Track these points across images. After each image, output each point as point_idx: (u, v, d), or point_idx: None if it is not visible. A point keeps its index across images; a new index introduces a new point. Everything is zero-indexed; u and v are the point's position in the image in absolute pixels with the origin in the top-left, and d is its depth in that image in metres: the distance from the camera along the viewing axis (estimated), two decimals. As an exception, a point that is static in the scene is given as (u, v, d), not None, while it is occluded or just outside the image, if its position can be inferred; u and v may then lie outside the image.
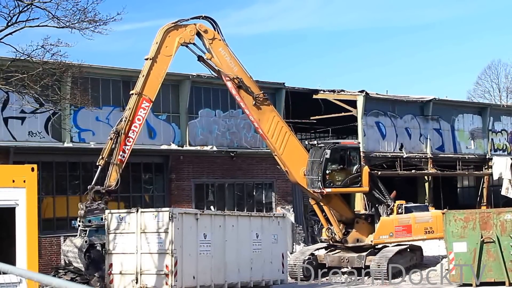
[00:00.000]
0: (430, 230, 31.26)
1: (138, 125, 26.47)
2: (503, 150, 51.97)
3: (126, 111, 26.64)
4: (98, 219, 25.04)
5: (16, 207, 15.75)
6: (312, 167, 29.28)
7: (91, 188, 25.51)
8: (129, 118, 26.21)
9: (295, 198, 39.31)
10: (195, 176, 35.59)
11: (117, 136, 25.92)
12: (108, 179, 25.65)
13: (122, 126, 26.07)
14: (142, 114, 26.57)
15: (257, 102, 29.05)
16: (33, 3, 23.23)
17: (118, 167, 25.82)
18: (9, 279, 12.98)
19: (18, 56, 23.89)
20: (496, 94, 79.90)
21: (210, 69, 29.05)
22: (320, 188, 28.98)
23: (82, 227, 25.08)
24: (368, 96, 42.59)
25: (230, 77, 28.54)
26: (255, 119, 29.14)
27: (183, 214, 23.97)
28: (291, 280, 29.12)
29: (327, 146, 29.36)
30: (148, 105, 26.75)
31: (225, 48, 28.57)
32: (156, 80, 26.99)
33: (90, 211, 25.07)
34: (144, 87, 26.66)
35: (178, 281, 22.91)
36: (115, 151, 25.80)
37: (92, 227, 24.99)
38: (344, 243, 30.12)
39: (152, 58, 26.95)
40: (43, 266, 27.48)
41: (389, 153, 44.00)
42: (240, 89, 28.77)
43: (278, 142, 29.35)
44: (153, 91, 26.92)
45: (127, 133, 26.09)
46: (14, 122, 30.38)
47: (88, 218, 25.03)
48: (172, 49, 27.41)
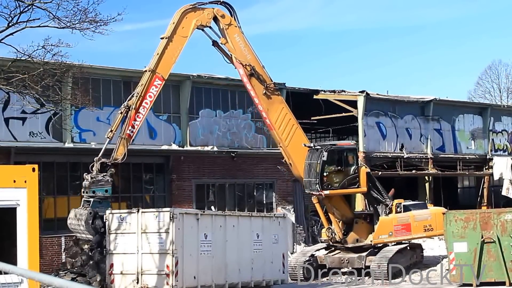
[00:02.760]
0: (430, 228, 31.32)
1: (149, 102, 26.63)
2: (503, 150, 51.98)
3: (138, 87, 26.76)
4: (102, 190, 25.04)
5: (17, 207, 15.79)
6: (309, 169, 29.29)
7: (98, 159, 25.52)
8: (141, 94, 26.37)
9: (295, 198, 39.32)
10: (196, 176, 35.61)
11: (127, 110, 26.03)
12: (115, 152, 25.75)
13: (133, 101, 26.22)
14: (153, 91, 26.72)
15: (268, 92, 29.27)
16: (34, 3, 23.24)
17: (126, 142, 25.98)
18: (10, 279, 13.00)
19: (19, 57, 23.91)
20: (497, 95, 79.97)
21: (223, 54, 29.31)
22: (318, 190, 28.99)
23: (86, 197, 25.06)
24: (368, 96, 42.60)
25: (242, 63, 28.73)
26: (263, 108, 29.33)
27: (184, 214, 24.00)
28: (291, 280, 29.12)
29: (324, 148, 29.34)
30: (161, 83, 26.91)
31: (240, 35, 28.90)
32: (170, 59, 27.21)
33: (95, 182, 25.05)
34: (158, 65, 26.88)
35: (179, 281, 22.94)
36: (124, 125, 25.99)
37: (96, 198, 24.95)
38: (344, 244, 30.13)
39: (168, 37, 27.16)
40: (44, 266, 27.53)
41: (390, 153, 44.01)
42: (252, 77, 29.05)
43: (284, 133, 29.52)
44: (167, 70, 27.11)
45: (138, 109, 26.23)
46: (15, 123, 30.41)
47: (92, 189, 24.99)
48: (188, 30, 27.68)
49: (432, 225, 31.35)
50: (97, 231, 24.42)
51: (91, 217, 24.39)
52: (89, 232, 24.36)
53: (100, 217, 24.52)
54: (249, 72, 28.91)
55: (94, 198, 24.97)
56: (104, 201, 25.18)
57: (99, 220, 24.47)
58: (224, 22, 28.58)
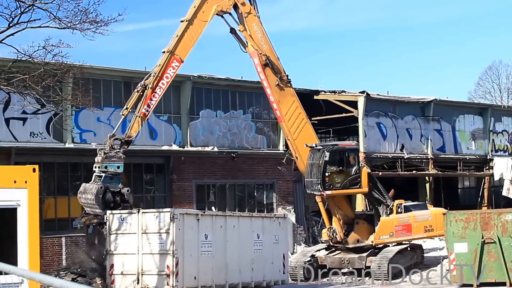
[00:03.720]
0: (430, 229, 31.40)
1: (166, 83, 26.65)
2: (504, 150, 51.99)
3: (155, 67, 26.73)
4: (114, 166, 24.94)
5: (18, 207, 15.80)
6: (311, 169, 29.28)
7: (111, 136, 25.46)
8: (158, 74, 26.39)
9: (296, 198, 39.34)
10: (196, 176, 35.62)
11: (143, 89, 26.06)
12: (129, 129, 25.74)
13: (150, 80, 26.22)
14: (171, 72, 26.77)
15: (281, 84, 29.46)
16: (34, 4, 23.28)
17: (141, 120, 25.97)
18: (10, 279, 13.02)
19: (20, 57, 23.93)
20: (497, 95, 80.00)
21: (239, 43, 29.52)
22: (320, 190, 28.99)
23: (98, 173, 24.94)
24: (369, 96, 42.61)
25: (258, 52, 28.99)
26: (275, 99, 29.47)
27: (184, 214, 24.00)
28: (291, 281, 29.12)
29: (326, 148, 29.35)
30: (178, 65, 26.94)
31: (259, 25, 29.18)
32: (189, 42, 27.29)
33: (108, 158, 24.95)
34: (177, 47, 26.94)
35: (179, 282, 22.94)
36: (139, 104, 25.95)
37: (107, 174, 24.85)
38: (345, 244, 30.14)
39: (188, 20, 27.26)
40: (45, 267, 27.52)
41: (390, 154, 44.01)
42: (266, 67, 29.25)
43: (294, 126, 29.67)
44: (185, 52, 27.17)
45: (154, 88, 26.24)
46: (16, 123, 30.42)
47: (104, 164, 24.86)
48: (209, 15, 27.85)
49: (432, 225, 31.44)
50: (107, 206, 24.36)
51: (102, 191, 24.34)
52: (99, 206, 24.27)
53: (111, 192, 24.47)
54: (264, 62, 29.15)
55: (106, 173, 24.82)
56: (115, 177, 25.03)
57: (109, 195, 24.44)
58: (244, 10, 28.87)
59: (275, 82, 29.35)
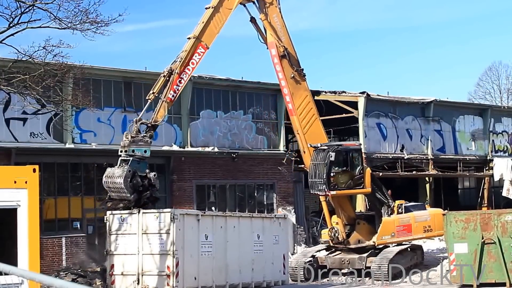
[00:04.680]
0: (429, 229, 31.65)
1: (191, 69, 26.70)
2: (504, 151, 51.99)
3: (181, 52, 26.75)
4: (141, 150, 24.74)
5: (18, 208, 15.82)
6: (315, 170, 29.26)
7: (138, 120, 25.35)
8: (184, 59, 26.42)
9: (296, 199, 39.35)
10: (197, 177, 35.60)
11: (170, 74, 26.07)
12: (156, 114, 25.61)
13: (176, 66, 26.21)
14: (196, 58, 26.80)
15: (296, 77, 29.65)
16: (35, 4, 23.29)
17: (167, 105, 25.90)
18: (10, 280, 13.03)
19: (20, 57, 23.94)
20: (497, 96, 80.00)
21: (258, 33, 29.80)
22: (324, 191, 28.99)
23: (124, 156, 24.70)
24: (369, 97, 42.62)
25: (277, 44, 29.23)
26: (289, 91, 29.64)
27: (185, 215, 24.03)
28: (291, 281, 29.12)
29: (331, 148, 29.38)
30: (204, 51, 26.99)
31: (279, 16, 29.54)
32: (215, 29, 27.42)
33: (135, 142, 24.74)
34: (203, 33, 27.01)
35: (180, 282, 22.96)
36: (166, 89, 25.91)
37: (135, 158, 24.61)
38: (346, 245, 30.15)
39: (214, 7, 27.36)
40: (45, 267, 27.51)
41: (390, 154, 44.01)
42: (283, 59, 29.48)
43: (304, 120, 29.85)
44: (211, 39, 27.27)
45: (180, 74, 26.26)
46: (16, 123, 30.42)
47: (132, 148, 24.61)
48: (234, 3, 28.04)
49: (431, 226, 31.65)
50: (135, 189, 24.15)
51: (130, 175, 24.10)
52: (127, 190, 23.98)
53: (138, 176, 24.29)
54: (282, 53, 29.40)
55: (133, 158, 24.58)
56: (142, 162, 24.85)
57: (137, 179, 24.22)
58: (266, 0, 29.23)
59: (290, 74, 29.59)
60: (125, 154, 24.64)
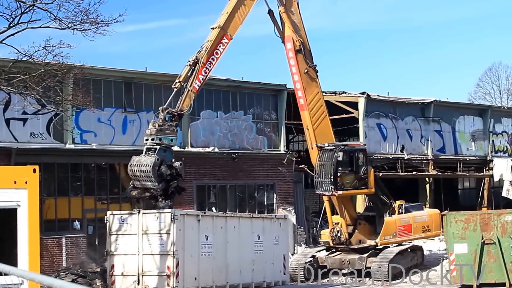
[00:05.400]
0: (427, 229, 31.89)
1: (216, 59, 26.79)
2: (503, 151, 51.98)
3: (206, 42, 26.84)
4: (168, 139, 24.67)
5: (18, 208, 15.83)
6: (321, 169, 29.24)
7: (164, 108, 25.26)
8: (209, 49, 26.47)
9: (296, 199, 39.33)
10: (197, 177, 35.59)
11: (195, 63, 26.10)
12: (182, 103, 25.59)
13: (201, 55, 26.27)
14: (220, 49, 26.92)
15: (309, 72, 29.96)
16: (35, 4, 23.27)
17: (193, 94, 25.95)
18: (10, 280, 13.04)
19: (20, 57, 23.91)
20: (497, 96, 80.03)
21: (275, 25, 29.97)
22: (331, 191, 28.99)
23: (150, 145, 24.52)
24: (369, 97, 42.62)
25: (293, 38, 29.50)
26: (302, 86, 29.86)
27: (185, 215, 24.05)
28: (292, 282, 29.12)
29: (338, 148, 29.43)
30: (228, 42, 27.13)
31: (297, 11, 29.88)
32: (239, 20, 27.63)
33: (162, 130, 24.64)
34: (227, 23, 27.15)
35: (180, 283, 22.98)
36: (191, 78, 25.95)
37: (162, 146, 24.42)
38: (348, 245, 30.15)
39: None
40: (45, 268, 27.52)
41: (390, 155, 44.01)
42: (299, 53, 29.77)
43: (315, 116, 30.08)
44: (235, 29, 27.44)
45: (205, 64, 26.32)
46: (16, 123, 30.41)
47: (159, 136, 24.47)
48: None
49: (429, 226, 31.83)
50: (163, 178, 23.94)
51: (158, 164, 23.90)
52: (155, 179, 23.75)
53: (165, 164, 24.09)
54: (298, 48, 29.68)
55: (160, 146, 24.41)
56: (168, 151, 24.70)
57: (165, 167, 24.03)
58: None
59: (304, 69, 29.85)
60: (151, 142, 24.47)
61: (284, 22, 29.82)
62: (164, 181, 23.90)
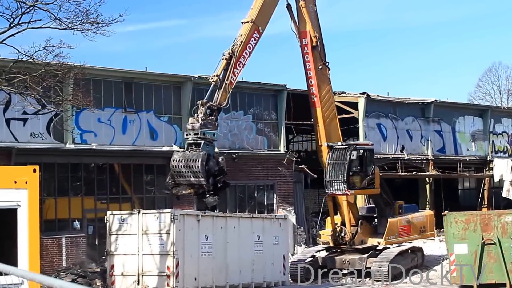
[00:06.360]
0: (424, 230, 31.95)
1: (248, 53, 26.93)
2: (504, 152, 52.01)
3: (239, 36, 26.95)
4: (211, 133, 24.64)
5: (18, 208, 15.83)
6: (333, 168, 29.19)
7: (205, 103, 25.17)
8: (243, 42, 26.60)
9: (296, 199, 39.33)
10: (197, 177, 35.53)
11: (230, 56, 26.16)
12: (219, 97, 25.65)
13: (237, 48, 26.35)
14: (252, 43, 27.07)
15: (323, 69, 30.29)
16: (35, 4, 23.26)
17: (229, 88, 26.00)
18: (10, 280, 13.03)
19: (21, 58, 23.91)
20: (497, 96, 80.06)
21: (292, 20, 30.24)
22: (344, 190, 28.95)
23: (193, 140, 24.36)
24: (369, 98, 42.64)
25: (310, 34, 29.83)
26: (315, 82, 30.15)
27: (185, 215, 24.04)
28: (291, 282, 29.10)
29: (351, 147, 29.45)
30: (258, 37, 27.34)
31: (314, 8, 30.26)
32: (268, 13, 27.95)
33: (205, 125, 24.53)
34: (259, 18, 27.33)
35: (180, 283, 22.98)
36: (228, 72, 26.06)
37: (206, 141, 24.28)
38: (352, 245, 30.13)
39: None
40: (45, 267, 27.52)
41: (390, 155, 44.02)
42: (314, 50, 30.07)
43: (327, 112, 30.44)
44: (264, 23, 27.70)
45: (239, 58, 26.41)
46: (16, 123, 30.41)
47: (203, 131, 24.34)
48: None
49: (425, 226, 31.93)
50: (211, 174, 23.79)
51: (206, 159, 23.68)
52: (203, 174, 23.53)
53: (212, 159, 23.93)
54: (314, 44, 29.92)
55: (205, 141, 24.26)
56: (210, 145, 24.56)
57: (213, 162, 23.90)
58: None
59: (318, 66, 30.12)
60: (196, 137, 24.34)
61: (301, 17, 30.02)
62: (212, 176, 23.76)
